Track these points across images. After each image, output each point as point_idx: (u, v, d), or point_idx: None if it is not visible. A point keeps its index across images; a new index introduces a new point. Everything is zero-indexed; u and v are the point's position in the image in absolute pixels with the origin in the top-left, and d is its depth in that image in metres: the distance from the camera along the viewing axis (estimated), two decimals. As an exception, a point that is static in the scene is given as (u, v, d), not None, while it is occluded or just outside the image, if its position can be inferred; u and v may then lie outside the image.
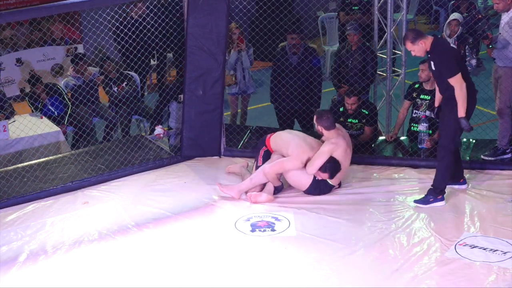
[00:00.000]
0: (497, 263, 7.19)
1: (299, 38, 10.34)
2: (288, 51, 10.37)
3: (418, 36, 8.00)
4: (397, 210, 8.30)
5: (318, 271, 7.16)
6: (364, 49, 10.38)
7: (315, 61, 10.41)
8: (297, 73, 10.23)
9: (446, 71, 7.94)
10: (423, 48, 8.01)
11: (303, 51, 10.35)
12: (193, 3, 9.10)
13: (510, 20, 8.75)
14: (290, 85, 10.27)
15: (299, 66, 10.25)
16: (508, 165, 9.12)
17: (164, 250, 7.60)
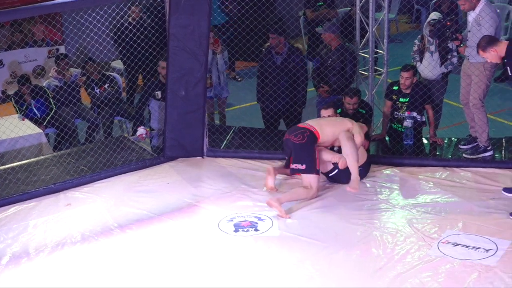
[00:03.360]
0: (479, 260, 7.22)
1: (280, 38, 10.32)
2: (272, 51, 10.38)
3: (489, 44, 7.95)
4: (380, 209, 8.32)
5: (301, 271, 7.17)
6: (342, 50, 10.40)
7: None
8: (280, 73, 10.22)
9: None
10: (496, 56, 7.95)
11: (287, 51, 10.35)
12: (175, 4, 9.09)
13: (476, 17, 8.96)
14: (274, 85, 10.26)
15: (282, 65, 10.24)
16: (489, 163, 9.17)
17: (147, 252, 7.59)
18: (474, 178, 8.93)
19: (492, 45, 7.89)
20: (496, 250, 7.38)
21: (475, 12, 9.02)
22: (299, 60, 10.37)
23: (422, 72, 10.30)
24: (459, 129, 10.75)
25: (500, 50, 7.86)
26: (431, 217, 8.06)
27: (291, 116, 10.37)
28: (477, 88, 9.09)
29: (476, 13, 9.01)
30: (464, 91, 9.38)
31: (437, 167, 9.21)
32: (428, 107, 9.65)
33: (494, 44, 7.90)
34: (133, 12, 11.80)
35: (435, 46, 10.22)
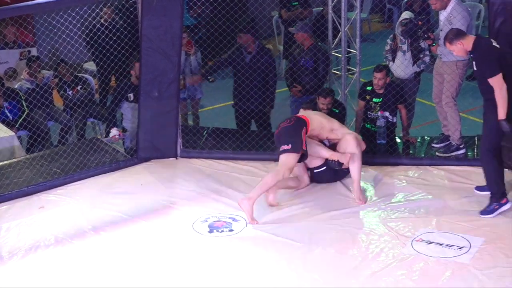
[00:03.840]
0: (453, 258, 7.27)
1: (247, 36, 10.30)
2: (244, 51, 10.38)
3: (456, 36, 7.88)
4: (355, 208, 8.34)
5: (276, 271, 7.18)
6: (315, 50, 10.42)
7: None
8: (249, 72, 10.21)
9: (487, 71, 7.77)
10: (462, 49, 7.88)
11: (257, 50, 10.34)
12: (147, 5, 9.06)
13: (448, 16, 9.00)
14: (246, 84, 10.27)
15: (251, 63, 10.22)
16: (462, 161, 9.22)
17: (122, 253, 7.57)
18: (447, 176, 8.98)
19: (459, 38, 7.85)
20: (470, 248, 7.43)
21: (446, 11, 9.07)
22: (269, 59, 10.35)
23: (395, 71, 10.34)
24: (432, 128, 10.80)
25: (466, 44, 7.83)
26: (405, 216, 8.10)
27: (262, 115, 10.36)
28: (450, 87, 9.14)
29: (447, 12, 9.05)
30: (436, 90, 9.43)
31: (410, 166, 9.25)
32: (401, 106, 9.69)
33: (461, 37, 7.86)
34: (105, 14, 11.76)
35: (407, 45, 10.27)
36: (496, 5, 8.59)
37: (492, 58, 7.74)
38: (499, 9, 8.59)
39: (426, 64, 10.44)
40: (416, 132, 10.48)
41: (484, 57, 7.79)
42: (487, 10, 8.82)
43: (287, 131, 8.41)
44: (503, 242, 7.50)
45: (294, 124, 8.42)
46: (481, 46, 7.83)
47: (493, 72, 7.68)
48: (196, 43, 12.09)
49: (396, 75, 10.33)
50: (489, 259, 7.22)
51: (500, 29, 8.65)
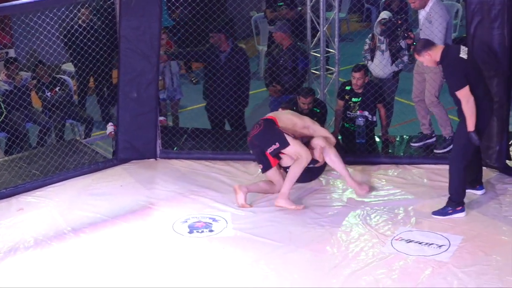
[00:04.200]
0: (432, 256, 7.30)
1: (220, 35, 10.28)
2: (214, 49, 10.35)
3: (424, 47, 7.79)
4: (334, 207, 8.37)
5: (256, 271, 7.18)
6: (294, 50, 10.44)
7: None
8: (224, 72, 10.20)
9: (452, 84, 7.72)
10: (430, 60, 7.81)
11: (231, 50, 10.32)
12: (125, 5, 9.04)
13: (427, 15, 9.02)
14: (217, 84, 10.26)
15: (226, 64, 10.22)
16: (441, 159, 9.25)
17: (102, 255, 7.54)
18: (426, 175, 9.01)
19: (426, 49, 7.77)
20: (449, 246, 7.46)
21: (425, 10, 9.07)
22: (242, 59, 10.34)
23: (373, 70, 10.37)
24: (411, 127, 10.84)
25: (434, 55, 7.74)
26: (384, 215, 8.13)
27: (235, 115, 10.36)
28: (432, 86, 9.17)
29: (426, 11, 9.06)
30: (416, 89, 9.45)
31: (389, 165, 9.28)
32: (380, 106, 9.71)
33: (429, 48, 7.78)
34: (83, 15, 11.71)
35: (385, 45, 10.30)
36: (474, 4, 8.61)
37: (458, 71, 7.66)
38: (476, 8, 8.62)
39: (404, 63, 10.48)
40: (395, 131, 10.51)
41: (450, 69, 7.73)
42: (465, 9, 8.84)
43: (263, 135, 8.47)
44: (482, 240, 7.54)
45: (265, 126, 8.48)
46: (448, 58, 7.73)
47: (459, 85, 7.61)
48: (175, 43, 12.08)
49: (374, 75, 10.36)
50: (468, 257, 7.26)
51: (477, 28, 8.68)
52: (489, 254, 7.30)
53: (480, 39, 8.65)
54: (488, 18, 8.60)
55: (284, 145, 8.39)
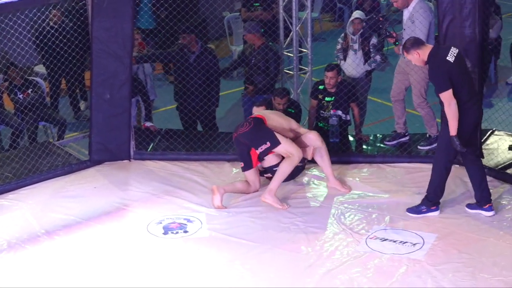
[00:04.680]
0: (406, 254, 7.34)
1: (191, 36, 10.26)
2: (183, 51, 10.32)
3: (413, 46, 7.73)
4: (309, 207, 8.38)
5: (232, 271, 7.18)
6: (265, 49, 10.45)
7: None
8: (193, 71, 10.18)
9: (436, 86, 7.70)
10: (418, 58, 7.73)
11: (201, 51, 10.29)
12: (98, 6, 9.01)
13: (410, 15, 9.02)
14: (188, 83, 10.25)
15: (195, 62, 10.20)
16: (414, 157, 9.31)
17: (76, 258, 7.51)
18: (400, 173, 9.06)
19: (415, 48, 7.73)
20: (423, 244, 7.50)
21: (408, 10, 9.07)
22: (211, 60, 10.33)
23: (346, 70, 10.41)
24: (384, 126, 10.89)
25: (423, 54, 7.69)
26: (359, 214, 8.15)
27: (207, 116, 10.35)
28: (417, 88, 9.21)
29: (409, 11, 9.07)
30: (395, 88, 9.48)
31: (363, 164, 9.32)
32: (353, 105, 9.74)
33: (418, 47, 7.74)
34: (54, 16, 11.65)
35: (358, 44, 10.34)
36: (445, 3, 8.65)
37: (442, 73, 7.59)
38: (447, 7, 8.66)
39: (377, 62, 10.52)
40: (369, 130, 10.55)
41: (435, 71, 7.67)
42: (436, 8, 8.89)
43: (253, 133, 8.46)
44: (456, 238, 7.59)
45: (255, 124, 8.47)
46: (434, 59, 7.66)
47: (442, 87, 7.56)
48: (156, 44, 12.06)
49: (347, 74, 10.39)
50: (442, 255, 7.31)
51: (449, 27, 8.73)
52: (463, 251, 7.35)
53: (452, 38, 8.69)
54: (460, 17, 8.64)
55: (275, 144, 8.39)
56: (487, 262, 7.16)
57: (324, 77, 9.67)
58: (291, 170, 8.43)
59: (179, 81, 10.37)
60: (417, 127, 10.23)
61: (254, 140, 8.46)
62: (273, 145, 8.40)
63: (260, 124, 8.48)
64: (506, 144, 9.41)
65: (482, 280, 6.89)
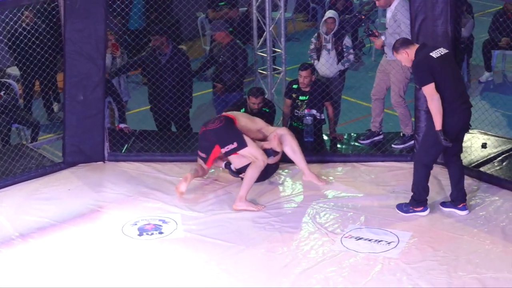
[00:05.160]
0: (382, 253, 7.37)
1: (162, 38, 10.24)
2: (155, 52, 10.30)
3: (402, 45, 7.77)
4: (284, 207, 8.40)
5: (207, 271, 7.18)
6: (234, 46, 10.48)
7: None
8: (165, 73, 10.17)
9: (418, 80, 7.78)
10: (407, 58, 7.74)
11: (171, 51, 10.27)
12: (70, 8, 8.97)
13: (393, 14, 9.06)
14: (161, 85, 10.23)
15: (166, 66, 10.19)
16: (389, 156, 9.34)
17: (51, 260, 7.47)
18: (374, 172, 9.09)
19: (404, 47, 7.75)
20: (398, 242, 7.54)
21: (391, 9, 9.12)
22: (182, 60, 10.31)
23: (320, 70, 10.43)
24: (358, 125, 10.91)
25: (411, 53, 7.71)
26: (334, 213, 8.17)
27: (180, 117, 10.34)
28: (397, 86, 9.25)
29: (392, 10, 9.12)
30: (377, 87, 9.51)
31: (337, 163, 9.34)
32: (327, 104, 9.77)
33: (406, 46, 7.76)
34: (26, 17, 11.58)
35: (331, 44, 10.36)
36: (417, 2, 8.70)
37: (424, 67, 7.61)
38: (420, 6, 8.71)
39: (350, 62, 10.56)
40: (343, 129, 10.58)
41: (416, 65, 7.69)
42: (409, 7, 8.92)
43: (222, 131, 8.48)
44: (430, 236, 7.64)
45: (226, 123, 8.50)
46: (418, 55, 7.68)
47: (424, 81, 7.58)
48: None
49: (321, 74, 10.41)
50: (417, 253, 7.34)
51: (422, 26, 8.77)
52: (437, 249, 7.39)
53: (425, 37, 8.73)
54: (432, 16, 8.69)
55: (241, 146, 8.43)
56: (461, 259, 7.20)
57: (298, 76, 9.69)
58: (257, 175, 8.47)
59: (152, 83, 10.34)
60: (391, 126, 10.27)
61: (222, 138, 8.50)
62: (239, 147, 8.44)
63: (231, 124, 8.52)
64: (479, 142, 9.48)
65: (457, 278, 6.93)
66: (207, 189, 8.81)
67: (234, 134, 8.48)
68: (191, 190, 8.68)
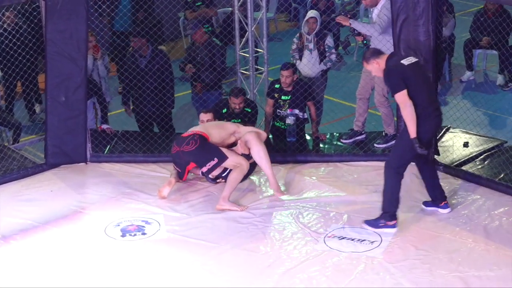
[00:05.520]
0: (365, 252, 7.39)
1: (142, 40, 10.22)
2: (135, 54, 10.28)
3: (372, 55, 7.70)
4: (267, 207, 8.40)
5: (191, 272, 7.18)
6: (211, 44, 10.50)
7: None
8: (145, 76, 10.16)
9: (390, 88, 7.68)
10: (378, 68, 7.66)
11: (151, 53, 10.26)
12: (51, 8, 8.94)
13: (379, 13, 9.09)
14: (141, 88, 10.22)
15: (147, 68, 10.18)
16: (371, 156, 9.37)
17: (33, 262, 7.44)
18: (357, 172, 9.11)
19: (374, 57, 7.70)
20: (381, 242, 7.56)
21: (377, 8, 9.15)
22: (163, 62, 10.30)
23: (302, 70, 10.44)
24: (340, 124, 10.93)
25: (382, 63, 7.66)
26: (317, 212, 8.19)
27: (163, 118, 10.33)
28: (380, 86, 9.25)
29: (378, 9, 9.14)
30: (362, 87, 9.52)
31: (320, 163, 9.35)
32: (309, 104, 9.78)
33: (377, 56, 7.71)
34: (7, 18, 11.53)
35: (313, 43, 10.37)
36: (399, 2, 8.72)
37: (395, 75, 7.53)
38: (401, 6, 8.72)
39: (332, 62, 10.57)
40: (325, 129, 10.60)
41: (387, 73, 7.61)
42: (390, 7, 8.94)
43: (199, 152, 8.56)
44: (413, 235, 7.66)
45: (201, 143, 8.55)
46: (388, 63, 7.62)
47: (396, 88, 7.48)
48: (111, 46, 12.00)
49: (303, 74, 10.43)
50: (399, 252, 7.37)
51: (403, 26, 8.79)
52: (420, 248, 7.42)
53: (406, 37, 8.76)
54: (413, 16, 8.71)
55: (222, 160, 8.53)
56: (443, 258, 7.23)
57: (280, 76, 9.70)
58: (241, 177, 8.56)
59: (134, 84, 10.31)
60: (373, 125, 10.29)
61: (201, 159, 8.61)
62: (220, 161, 8.54)
63: (205, 142, 8.59)
64: (461, 141, 9.51)
65: (439, 276, 6.96)
66: (189, 190, 8.81)
67: (212, 150, 8.57)
68: (173, 191, 8.68)
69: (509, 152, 9.08)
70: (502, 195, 8.42)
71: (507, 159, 8.96)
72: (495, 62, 13.08)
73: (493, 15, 12.46)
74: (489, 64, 13.58)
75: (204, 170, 8.63)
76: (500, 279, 6.91)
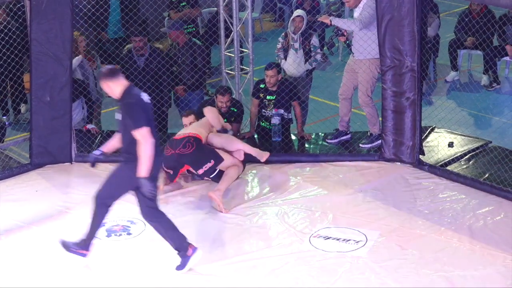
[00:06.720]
0: (350, 252, 7.40)
1: (144, 39, 10.26)
2: (135, 54, 10.30)
3: (106, 76, 6.93)
4: (252, 207, 8.39)
5: (176, 272, 7.15)
6: (192, 45, 10.51)
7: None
8: (146, 75, 10.17)
9: (133, 121, 6.79)
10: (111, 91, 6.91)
11: (150, 53, 10.29)
12: (36, 8, 8.92)
13: (361, 11, 9.09)
14: (140, 87, 10.20)
15: (148, 67, 10.20)
16: (356, 156, 9.39)
17: (18, 262, 7.42)
18: (342, 171, 9.12)
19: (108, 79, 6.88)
20: (366, 241, 7.57)
21: (359, 8, 9.19)
22: (161, 58, 10.31)
23: (287, 69, 10.45)
24: (325, 124, 10.95)
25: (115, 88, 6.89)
26: (302, 212, 8.20)
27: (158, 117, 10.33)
28: (364, 86, 9.32)
29: (360, 9, 9.17)
30: (344, 87, 9.56)
31: (306, 163, 9.36)
32: (295, 103, 9.79)
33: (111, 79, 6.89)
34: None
35: (299, 43, 10.38)
36: (384, 2, 8.75)
37: (140, 108, 6.85)
38: (386, 6, 8.76)
39: (317, 62, 10.58)
40: (311, 129, 10.61)
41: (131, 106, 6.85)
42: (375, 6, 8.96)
43: (196, 155, 8.61)
44: (398, 235, 7.68)
45: (197, 146, 8.61)
46: (130, 95, 6.92)
47: (140, 123, 6.78)
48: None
49: (289, 73, 10.43)
50: (385, 252, 7.39)
51: (388, 26, 8.82)
52: (405, 248, 7.44)
53: (391, 36, 8.79)
54: (398, 16, 8.74)
55: (219, 161, 8.66)
56: (429, 258, 7.26)
57: (265, 76, 9.70)
58: (237, 175, 8.72)
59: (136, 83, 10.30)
60: (358, 125, 10.31)
61: (198, 162, 8.66)
62: (217, 162, 8.65)
63: (201, 144, 8.67)
64: (446, 141, 9.54)
65: (425, 276, 6.98)
66: (175, 191, 8.79)
67: (208, 152, 8.67)
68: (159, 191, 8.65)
69: (493, 152, 9.12)
70: (486, 195, 8.46)
71: (492, 159, 9.01)
72: (480, 63, 13.14)
73: (478, 16, 12.51)
74: (473, 64, 13.64)
75: (200, 172, 8.64)
76: (484, 279, 6.94)
